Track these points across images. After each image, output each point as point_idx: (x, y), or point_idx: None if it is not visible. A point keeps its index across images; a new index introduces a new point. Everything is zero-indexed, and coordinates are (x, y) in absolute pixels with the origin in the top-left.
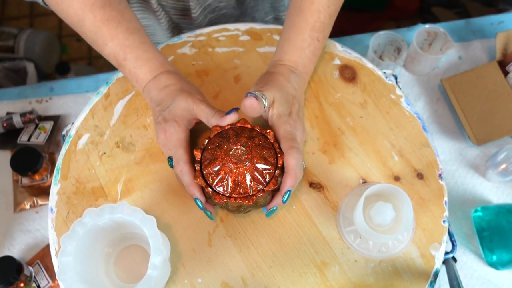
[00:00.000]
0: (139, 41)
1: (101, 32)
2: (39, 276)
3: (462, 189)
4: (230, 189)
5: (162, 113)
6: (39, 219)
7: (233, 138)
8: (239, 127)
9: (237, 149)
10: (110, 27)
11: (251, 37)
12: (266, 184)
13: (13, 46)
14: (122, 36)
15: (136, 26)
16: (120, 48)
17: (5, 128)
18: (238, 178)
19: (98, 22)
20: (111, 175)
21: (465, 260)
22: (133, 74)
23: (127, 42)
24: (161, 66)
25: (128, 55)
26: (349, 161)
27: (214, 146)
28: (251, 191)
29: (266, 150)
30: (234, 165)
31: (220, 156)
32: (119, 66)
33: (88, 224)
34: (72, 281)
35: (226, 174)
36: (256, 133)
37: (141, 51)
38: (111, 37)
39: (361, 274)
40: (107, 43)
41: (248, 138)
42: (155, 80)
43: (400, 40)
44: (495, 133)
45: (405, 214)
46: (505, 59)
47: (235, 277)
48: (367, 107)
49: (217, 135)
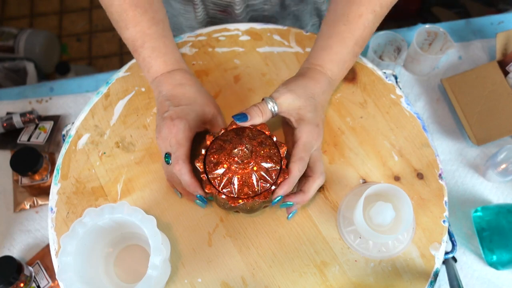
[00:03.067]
0: (161, 33)
1: (126, 15)
2: (39, 276)
3: (462, 189)
4: (237, 191)
5: (173, 109)
6: (39, 219)
7: (236, 139)
8: (239, 128)
9: (241, 150)
10: (136, 13)
11: (251, 37)
12: (274, 181)
13: (13, 46)
14: (145, 24)
15: (161, 18)
16: (140, 36)
17: (5, 128)
18: (245, 178)
19: (126, 5)
20: (111, 175)
21: (465, 260)
22: (146, 63)
23: (149, 31)
24: (176, 62)
25: (147, 43)
26: (349, 161)
27: (216, 149)
28: (259, 190)
29: (268, 148)
30: (239, 166)
31: (224, 159)
32: (134, 52)
33: (88, 224)
34: (72, 281)
35: (232, 175)
36: (256, 132)
37: (161, 43)
38: (135, 23)
39: (361, 274)
40: (129, 28)
41: (250, 138)
42: (169, 75)
43: (400, 40)
44: (495, 133)
45: (405, 214)
46: (505, 59)
47: (235, 277)
48: (367, 107)
49: (218, 138)
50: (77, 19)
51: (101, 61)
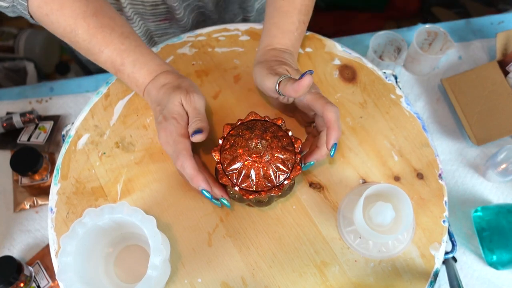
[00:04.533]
0: (134, 44)
1: (96, 40)
2: (39, 276)
3: (462, 189)
4: (255, 184)
5: (162, 112)
6: (39, 219)
7: (248, 133)
8: (251, 121)
9: (256, 144)
10: (105, 34)
11: (251, 37)
12: (290, 171)
13: (13, 46)
14: (117, 41)
15: (130, 31)
16: (117, 54)
17: (5, 128)
18: (262, 171)
19: (92, 30)
20: (111, 175)
21: (465, 260)
22: (132, 79)
23: (123, 47)
24: (159, 67)
25: (126, 59)
26: (349, 161)
27: (231, 145)
28: (277, 182)
29: (282, 139)
30: (256, 160)
31: (239, 153)
32: (116, 73)
33: (88, 224)
34: (72, 281)
35: (249, 169)
36: (269, 124)
37: (138, 54)
38: (107, 44)
39: (361, 274)
40: (103, 50)
41: (263, 131)
42: (154, 81)
43: (400, 40)
44: (495, 133)
45: (405, 214)
46: (505, 59)
47: (235, 277)
48: (367, 107)
49: (230, 133)
50: None
51: None
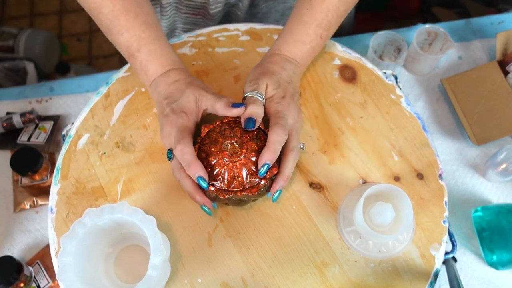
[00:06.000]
0: (155, 36)
1: (118, 22)
2: (39, 276)
3: (462, 189)
4: (226, 183)
5: (170, 105)
6: (39, 219)
7: (228, 132)
8: (235, 121)
9: (231, 144)
10: (128, 18)
11: (251, 37)
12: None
13: (13, 46)
14: (138, 28)
15: (154, 21)
16: (135, 40)
17: (5, 128)
18: (234, 172)
19: (117, 12)
20: (111, 175)
21: (465, 260)
22: (143, 67)
23: (143, 35)
24: (173, 63)
25: (143, 47)
26: (349, 161)
27: (210, 142)
28: (247, 184)
29: (261, 142)
30: (229, 160)
31: (215, 151)
32: (129, 57)
33: (88, 224)
34: (72, 281)
35: (221, 168)
36: None
37: (156, 45)
38: (127, 28)
39: (361, 274)
40: (123, 33)
41: (243, 131)
42: (165, 75)
43: (400, 40)
44: (495, 133)
45: (405, 214)
46: (505, 59)
47: (235, 277)
48: (367, 107)
49: (212, 130)
50: (77, 19)
51: (101, 61)
